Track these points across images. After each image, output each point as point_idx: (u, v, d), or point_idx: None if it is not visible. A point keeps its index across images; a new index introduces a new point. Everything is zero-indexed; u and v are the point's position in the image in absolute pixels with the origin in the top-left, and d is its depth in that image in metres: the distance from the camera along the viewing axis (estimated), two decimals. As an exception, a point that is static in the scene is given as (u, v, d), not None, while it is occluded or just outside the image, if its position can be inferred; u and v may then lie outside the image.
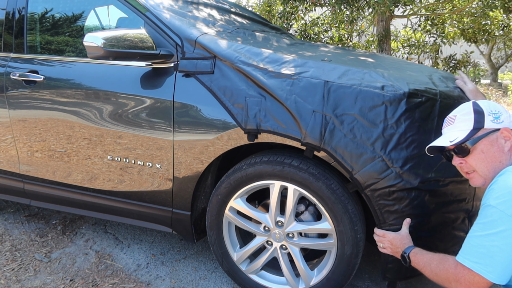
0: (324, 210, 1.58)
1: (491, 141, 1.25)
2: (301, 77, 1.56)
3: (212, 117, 1.69)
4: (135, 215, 2.04)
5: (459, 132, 1.29)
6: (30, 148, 2.20)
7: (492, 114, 1.26)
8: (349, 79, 1.53)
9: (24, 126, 2.17)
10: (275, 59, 1.66)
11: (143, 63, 1.84)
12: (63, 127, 2.05)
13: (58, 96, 2.03)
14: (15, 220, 2.67)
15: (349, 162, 1.47)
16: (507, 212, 1.08)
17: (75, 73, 2.02)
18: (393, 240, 1.45)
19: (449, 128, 1.34)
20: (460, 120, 1.30)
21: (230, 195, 1.73)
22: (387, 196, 1.46)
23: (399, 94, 1.46)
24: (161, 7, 1.94)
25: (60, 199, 2.24)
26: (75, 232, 2.51)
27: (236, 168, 1.71)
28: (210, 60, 1.72)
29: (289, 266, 1.75)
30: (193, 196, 1.84)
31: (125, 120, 1.88)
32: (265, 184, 1.67)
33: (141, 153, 1.88)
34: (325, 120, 1.49)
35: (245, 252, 1.81)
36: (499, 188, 1.14)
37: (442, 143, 1.31)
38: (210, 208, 1.81)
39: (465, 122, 1.28)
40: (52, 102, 2.05)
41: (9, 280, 2.00)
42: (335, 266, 1.63)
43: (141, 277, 2.03)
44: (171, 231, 1.98)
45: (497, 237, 1.09)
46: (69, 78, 2.02)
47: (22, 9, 2.25)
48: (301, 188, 1.59)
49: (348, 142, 1.46)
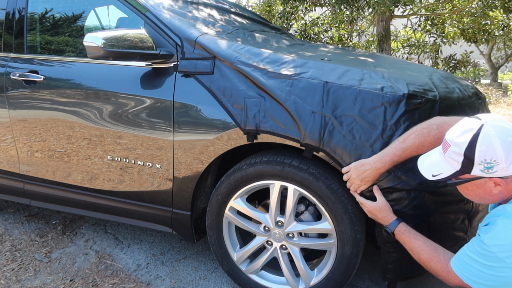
0: (324, 210, 1.58)
1: (478, 184, 1.18)
2: (300, 77, 1.57)
3: (212, 117, 1.69)
4: (136, 215, 2.04)
5: (445, 167, 1.19)
6: (30, 148, 2.20)
7: (484, 163, 1.11)
8: (349, 79, 1.53)
9: (24, 126, 2.17)
10: (274, 60, 1.66)
11: (143, 63, 1.84)
12: (63, 127, 2.05)
13: (58, 96, 2.03)
14: (15, 220, 2.67)
15: (348, 163, 1.47)
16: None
17: (75, 73, 2.02)
18: (373, 211, 1.44)
19: (440, 153, 1.22)
20: (450, 154, 1.17)
21: (230, 195, 1.73)
22: (386, 197, 1.46)
23: (399, 95, 1.46)
24: (161, 7, 1.94)
25: (60, 199, 2.24)
26: (75, 232, 2.51)
27: (236, 168, 1.71)
28: (209, 60, 1.72)
29: (289, 266, 1.75)
30: (193, 196, 1.84)
31: (125, 120, 1.88)
32: (265, 184, 1.67)
33: (141, 153, 1.88)
34: (324, 121, 1.49)
35: (245, 252, 1.81)
36: (501, 236, 1.11)
37: (425, 175, 1.25)
38: (210, 208, 1.81)
39: (453, 160, 1.17)
40: (52, 102, 2.05)
41: (9, 280, 2.00)
42: (335, 266, 1.63)
43: (141, 277, 2.03)
44: (171, 231, 1.98)
45: (493, 272, 1.12)
46: (69, 78, 2.02)
47: (22, 9, 2.25)
48: (301, 188, 1.59)
49: (347, 143, 1.46)
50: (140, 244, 2.36)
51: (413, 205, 1.46)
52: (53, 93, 2.05)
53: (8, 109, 2.20)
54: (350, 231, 1.56)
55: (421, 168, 1.29)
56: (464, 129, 1.16)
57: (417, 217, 1.48)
